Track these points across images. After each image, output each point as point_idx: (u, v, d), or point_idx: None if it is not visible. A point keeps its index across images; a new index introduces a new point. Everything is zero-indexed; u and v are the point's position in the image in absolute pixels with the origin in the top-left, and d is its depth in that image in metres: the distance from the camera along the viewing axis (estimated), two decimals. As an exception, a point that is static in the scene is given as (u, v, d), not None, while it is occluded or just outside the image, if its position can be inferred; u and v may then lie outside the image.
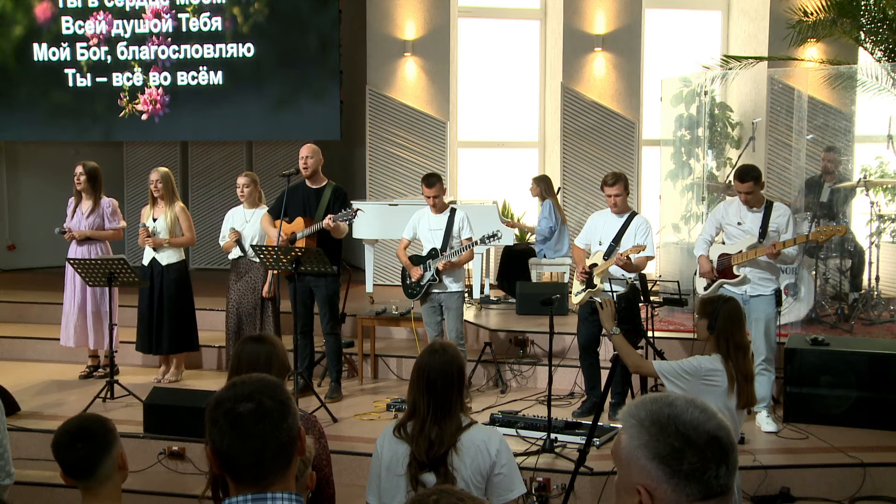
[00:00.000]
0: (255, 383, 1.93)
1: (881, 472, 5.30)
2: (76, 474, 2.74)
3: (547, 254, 8.87)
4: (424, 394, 3.18)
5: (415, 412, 3.21)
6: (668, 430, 1.52)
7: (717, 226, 6.18)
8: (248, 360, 3.15)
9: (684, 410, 1.54)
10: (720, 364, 3.98)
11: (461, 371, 3.27)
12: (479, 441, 3.18)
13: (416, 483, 3.13)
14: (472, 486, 3.15)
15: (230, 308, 7.21)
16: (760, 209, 5.92)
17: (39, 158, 11.78)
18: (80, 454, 2.70)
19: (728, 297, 4.21)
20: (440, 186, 6.57)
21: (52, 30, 10.29)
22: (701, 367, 3.98)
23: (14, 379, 7.00)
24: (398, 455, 3.19)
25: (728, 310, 4.04)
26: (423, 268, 6.55)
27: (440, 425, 3.14)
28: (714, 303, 4.11)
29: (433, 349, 3.29)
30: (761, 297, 5.90)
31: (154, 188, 7.10)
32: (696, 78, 8.91)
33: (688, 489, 1.51)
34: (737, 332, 4.01)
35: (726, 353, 3.97)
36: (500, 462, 3.18)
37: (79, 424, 2.79)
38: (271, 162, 11.26)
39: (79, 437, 2.73)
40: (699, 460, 1.50)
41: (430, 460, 3.12)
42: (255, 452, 1.86)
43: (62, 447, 2.74)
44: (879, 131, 8.64)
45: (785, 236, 5.82)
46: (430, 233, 6.61)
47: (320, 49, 9.92)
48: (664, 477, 1.51)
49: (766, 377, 5.90)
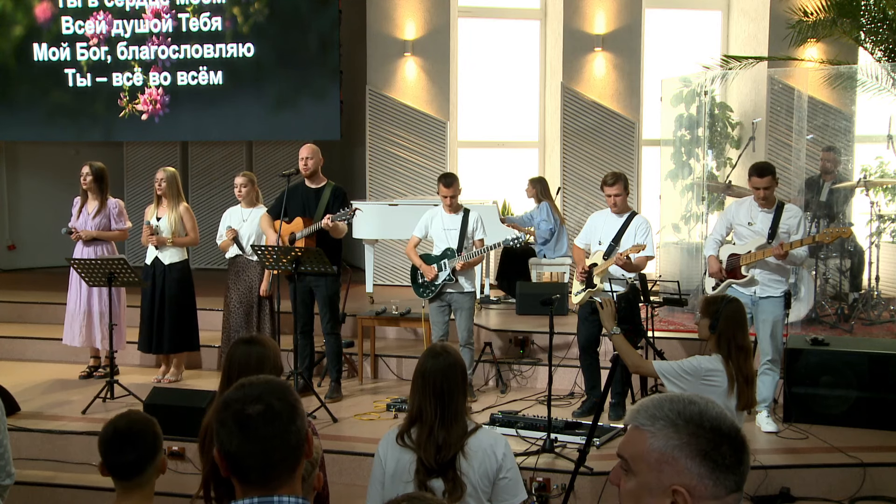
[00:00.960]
0: (264, 385, 1.92)
1: (881, 472, 5.30)
2: (120, 475, 2.72)
3: (547, 254, 8.87)
4: (431, 399, 3.16)
5: (420, 417, 3.18)
6: (703, 426, 1.54)
7: (727, 225, 6.16)
8: (239, 362, 3.16)
9: (707, 407, 1.58)
10: (720, 364, 3.97)
11: (464, 373, 3.26)
12: (486, 445, 3.18)
13: (425, 489, 3.11)
14: (480, 491, 3.14)
15: (229, 307, 7.22)
16: (772, 210, 5.89)
17: (39, 158, 11.78)
18: (128, 458, 2.68)
19: (732, 298, 4.20)
20: (457, 186, 6.60)
21: (52, 30, 10.28)
22: (701, 367, 3.98)
23: (14, 379, 6.99)
24: (404, 462, 3.17)
25: (731, 310, 4.03)
26: (437, 267, 6.56)
27: (448, 429, 3.13)
28: (717, 302, 4.10)
29: (434, 352, 3.27)
30: (770, 299, 5.88)
31: (158, 186, 7.11)
32: (696, 78, 8.91)
33: (726, 481, 1.54)
34: (739, 333, 3.99)
35: (727, 353, 3.96)
36: (505, 465, 3.18)
37: (129, 426, 2.75)
38: (271, 162, 11.26)
39: (129, 440, 2.70)
40: (734, 451, 1.54)
41: (438, 465, 3.11)
42: (263, 454, 1.84)
43: (111, 448, 2.72)
44: (879, 131, 8.64)
45: (795, 237, 5.79)
46: (444, 232, 6.63)
47: (320, 49, 9.92)
48: (707, 472, 1.53)
49: (770, 377, 5.90)
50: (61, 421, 6.18)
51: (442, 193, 6.62)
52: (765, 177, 5.79)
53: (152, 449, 2.73)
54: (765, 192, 5.82)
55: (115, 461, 2.70)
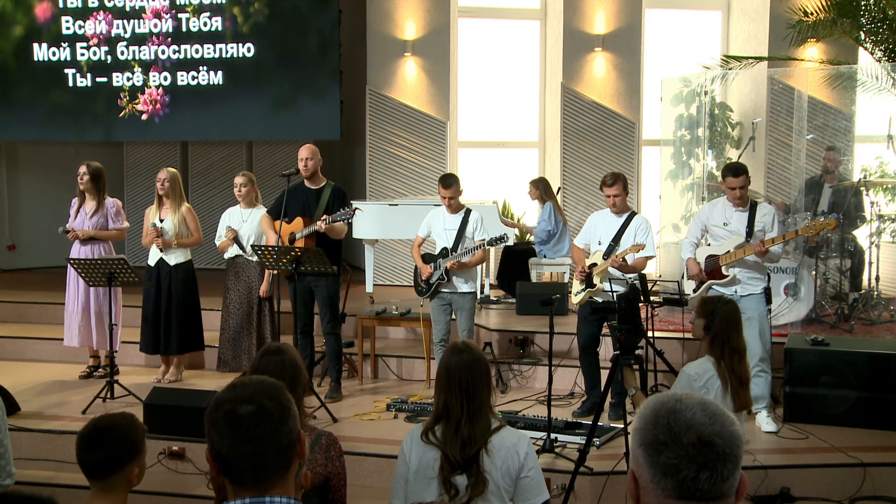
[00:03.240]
0: (256, 385, 1.91)
1: (881, 472, 5.30)
2: (88, 472, 2.71)
3: (547, 254, 8.87)
4: (457, 395, 3.18)
5: (446, 414, 3.20)
6: (660, 421, 1.56)
7: (702, 228, 6.19)
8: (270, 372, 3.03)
9: (688, 409, 1.56)
10: (709, 365, 3.96)
11: (488, 369, 3.29)
12: (510, 443, 3.20)
13: (449, 486, 3.13)
14: (503, 489, 3.17)
15: (228, 308, 7.22)
16: (746, 209, 5.96)
17: (39, 158, 11.78)
18: (96, 458, 2.68)
19: (728, 300, 4.20)
20: (457, 187, 6.59)
21: (52, 30, 10.29)
22: (691, 379, 3.95)
23: (14, 379, 7.00)
24: (428, 458, 3.20)
25: (726, 312, 4.03)
26: (433, 266, 6.57)
27: (473, 425, 3.15)
28: (713, 303, 4.10)
29: (458, 349, 3.28)
30: (752, 297, 5.92)
31: (160, 186, 7.11)
32: (696, 78, 8.92)
33: (663, 483, 1.53)
34: (733, 334, 3.99)
35: (720, 354, 3.96)
36: (528, 465, 3.21)
37: (108, 427, 2.74)
38: (271, 162, 11.27)
39: (102, 441, 2.69)
40: (676, 457, 1.52)
41: (463, 461, 3.13)
42: (255, 455, 1.84)
43: (83, 444, 2.71)
44: (879, 131, 8.64)
45: (771, 234, 5.86)
46: (444, 232, 6.64)
47: (320, 49, 9.92)
48: (646, 465, 1.56)
49: (762, 378, 5.91)
50: (61, 421, 6.18)
51: (441, 195, 6.63)
52: (739, 176, 5.85)
53: (125, 455, 2.69)
54: (740, 191, 5.89)
55: (83, 457, 2.70)
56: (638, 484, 1.58)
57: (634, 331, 4.91)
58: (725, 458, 1.53)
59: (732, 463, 1.54)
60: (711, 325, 4.02)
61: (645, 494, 1.57)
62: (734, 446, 1.54)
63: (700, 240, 6.20)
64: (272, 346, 3.31)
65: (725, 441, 1.53)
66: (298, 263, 6.32)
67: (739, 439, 1.56)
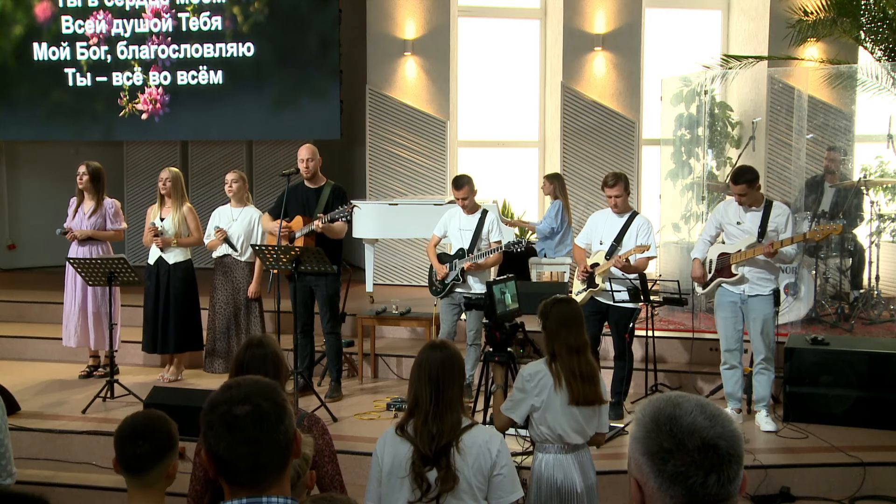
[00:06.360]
0: (251, 385, 1.91)
1: (881, 471, 5.30)
2: (131, 468, 2.72)
3: (548, 253, 8.85)
4: (426, 386, 3.21)
5: (416, 406, 3.23)
6: (662, 429, 1.54)
7: (717, 226, 6.17)
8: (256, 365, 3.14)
9: (687, 413, 1.54)
10: (542, 366, 3.93)
11: (461, 367, 3.32)
12: (482, 441, 3.22)
13: (421, 480, 3.14)
14: (475, 488, 3.17)
15: (215, 308, 7.22)
16: (760, 208, 5.92)
17: (39, 158, 11.78)
18: (139, 451, 2.69)
19: (563, 299, 4.10)
20: (469, 188, 6.57)
21: (52, 29, 10.28)
22: (524, 380, 3.93)
23: (14, 379, 7.00)
24: (400, 456, 3.21)
25: (559, 311, 3.98)
26: (448, 267, 6.57)
27: (441, 418, 3.17)
28: (547, 304, 4.07)
29: (433, 346, 3.34)
30: (759, 297, 5.89)
31: (162, 185, 7.12)
32: (696, 77, 8.91)
33: (671, 491, 1.51)
34: (564, 332, 3.90)
35: (552, 352, 3.94)
36: (500, 462, 3.22)
37: (146, 421, 2.77)
38: (271, 161, 11.26)
39: (143, 433, 2.71)
40: (684, 464, 1.50)
41: (433, 453, 3.14)
42: (252, 456, 1.83)
43: (125, 439, 2.73)
44: (879, 131, 8.64)
45: (783, 235, 5.82)
46: (459, 232, 6.64)
47: (320, 49, 9.92)
48: (651, 474, 1.53)
49: (765, 376, 5.91)
50: (61, 421, 6.18)
51: (454, 196, 6.64)
52: (738, 184, 5.82)
53: (165, 447, 2.73)
54: (739, 197, 5.87)
55: (127, 453, 2.70)
56: (643, 492, 1.55)
57: (500, 327, 4.85)
58: (731, 460, 1.52)
59: (737, 463, 1.53)
60: (545, 325, 4.00)
61: (652, 502, 1.54)
62: (737, 446, 1.54)
63: (714, 238, 6.17)
64: (255, 338, 3.38)
65: (728, 442, 1.52)
66: (298, 263, 6.31)
67: (740, 438, 1.55)
